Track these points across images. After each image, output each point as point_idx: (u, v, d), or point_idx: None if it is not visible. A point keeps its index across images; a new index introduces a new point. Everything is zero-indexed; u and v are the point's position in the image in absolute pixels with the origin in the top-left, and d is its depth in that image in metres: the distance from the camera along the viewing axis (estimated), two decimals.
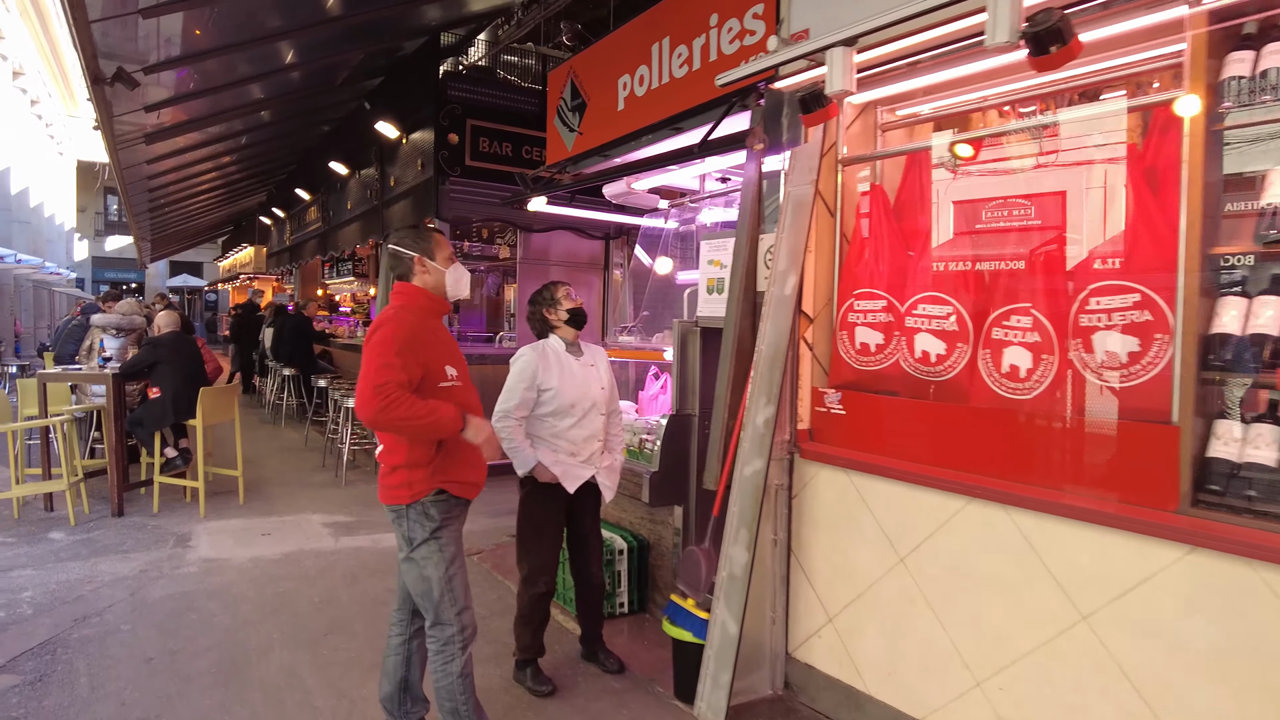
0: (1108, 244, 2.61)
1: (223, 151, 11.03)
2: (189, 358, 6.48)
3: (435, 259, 2.78)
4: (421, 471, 2.65)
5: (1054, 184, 2.80)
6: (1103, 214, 2.64)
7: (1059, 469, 2.59)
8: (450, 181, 7.54)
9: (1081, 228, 2.74)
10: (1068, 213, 2.76)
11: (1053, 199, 2.81)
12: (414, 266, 2.75)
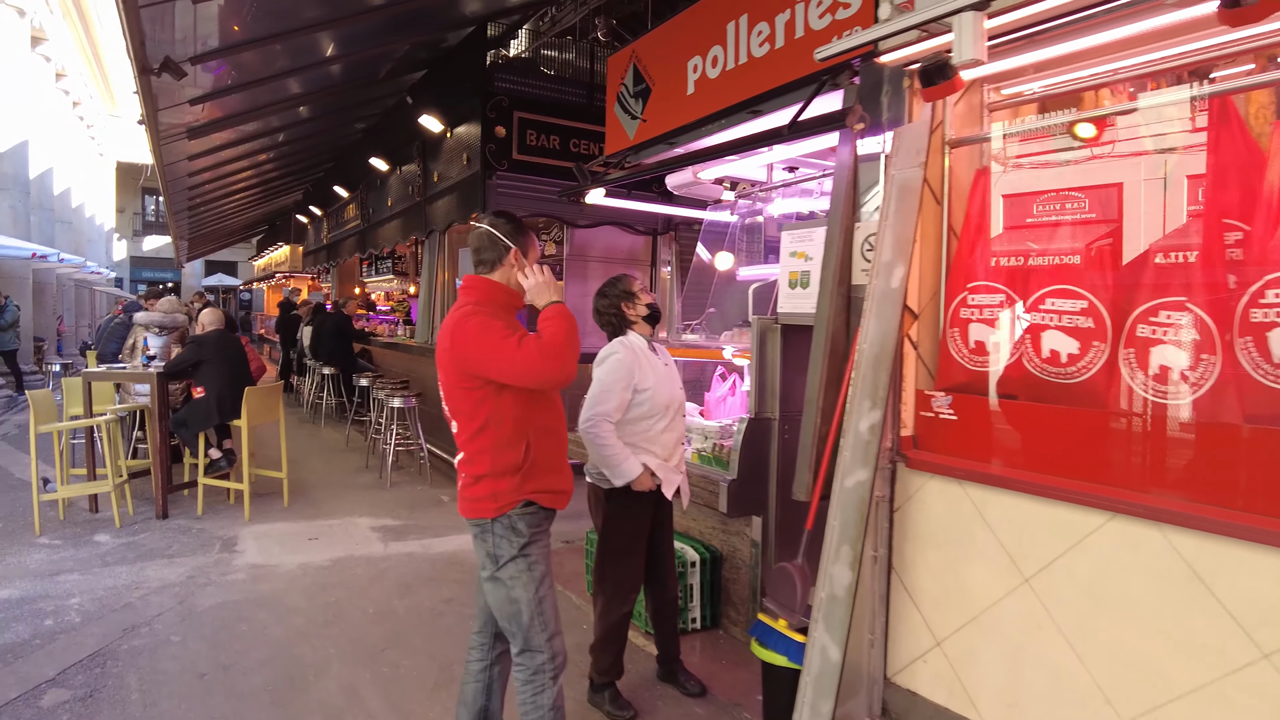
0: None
1: (261, 149, 10.94)
2: (234, 357, 6.32)
3: (528, 258, 2.55)
4: (508, 481, 2.41)
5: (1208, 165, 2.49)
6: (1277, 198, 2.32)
7: (1229, 484, 2.28)
8: (497, 176, 7.31)
9: (1239, 213, 2.42)
10: (1227, 197, 2.45)
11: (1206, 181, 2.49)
12: (505, 258, 2.50)
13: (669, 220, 8.35)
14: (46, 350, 16.38)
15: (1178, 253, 2.52)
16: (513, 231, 2.54)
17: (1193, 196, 2.57)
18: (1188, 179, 2.59)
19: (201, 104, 6.65)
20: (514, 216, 2.60)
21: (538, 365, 2.25)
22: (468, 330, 2.33)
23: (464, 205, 7.80)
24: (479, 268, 2.56)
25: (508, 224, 2.55)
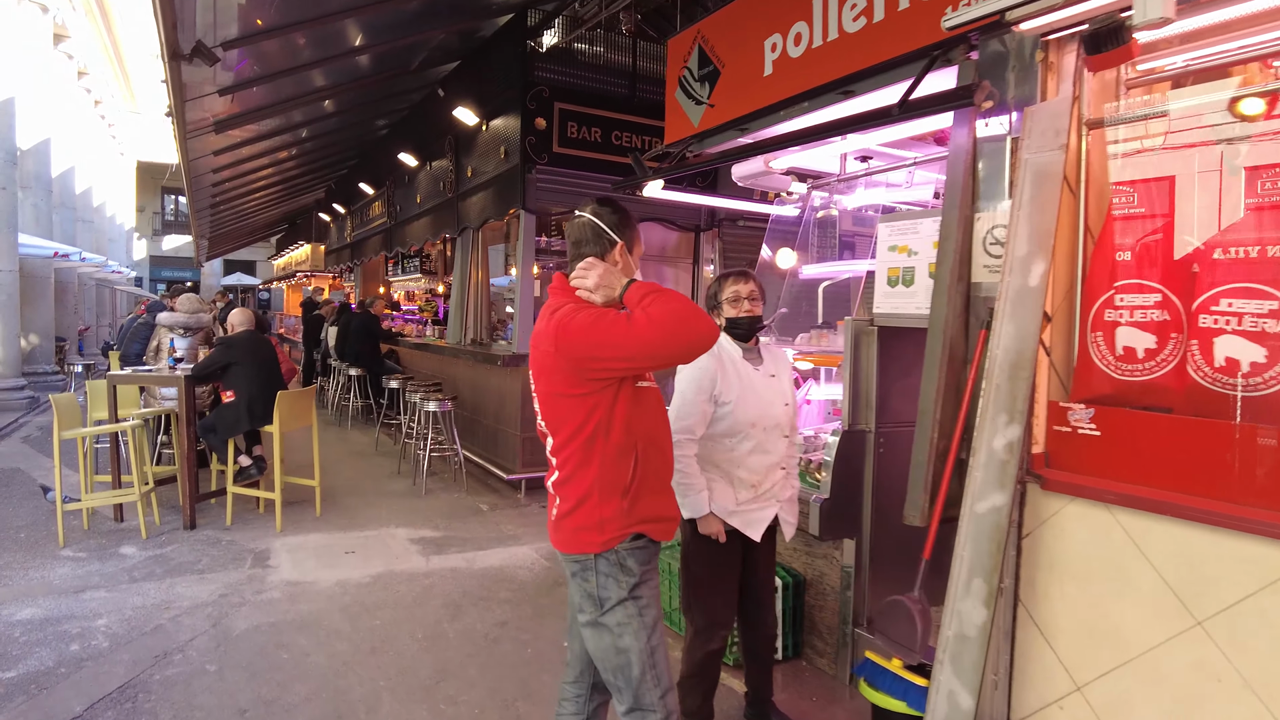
0: None
1: (286, 144, 10.69)
2: (265, 359, 6.02)
3: (633, 254, 2.22)
4: (615, 507, 2.07)
5: None
6: None
7: None
8: (536, 170, 6.98)
9: None
10: None
11: None
12: (609, 255, 2.18)
13: (713, 216, 7.99)
14: (68, 350, 16.21)
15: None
16: (619, 223, 2.21)
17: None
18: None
19: (231, 94, 6.35)
20: (619, 205, 2.26)
21: (667, 328, 1.92)
22: (577, 326, 2.00)
23: (500, 201, 7.48)
24: (588, 249, 2.23)
25: (613, 214, 2.22)
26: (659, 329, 1.92)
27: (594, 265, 2.13)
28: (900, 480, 3.65)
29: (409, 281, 13.27)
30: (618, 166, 7.32)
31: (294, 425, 5.95)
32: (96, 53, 19.50)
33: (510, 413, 7.22)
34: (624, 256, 2.19)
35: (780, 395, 2.93)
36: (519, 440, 7.04)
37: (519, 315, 7.03)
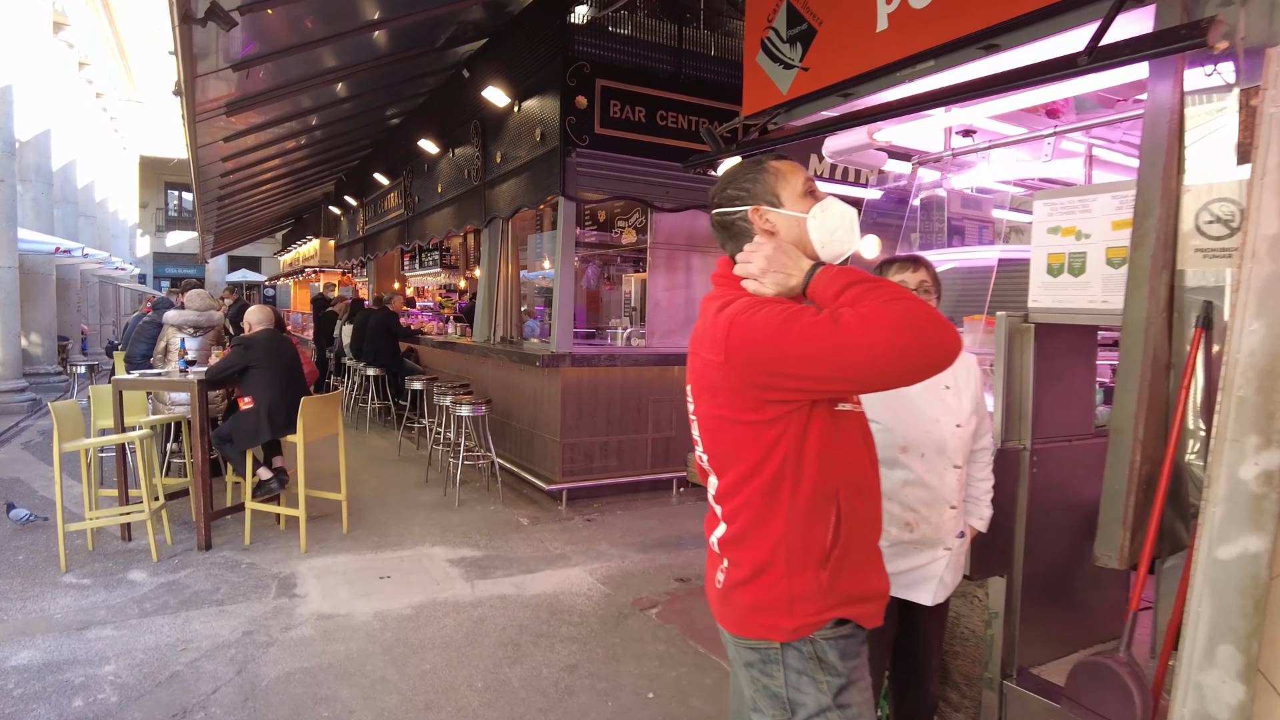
0: None
1: (297, 132, 10.12)
2: (286, 362, 5.47)
3: (782, 199, 1.63)
4: (810, 581, 1.50)
5: None
6: None
7: None
8: (576, 153, 6.41)
9: None
10: None
11: None
12: (749, 225, 1.62)
13: None
14: (71, 350, 15.68)
15: None
16: (741, 187, 1.65)
17: None
18: None
19: (246, 68, 5.79)
20: (730, 169, 1.70)
21: (891, 334, 1.33)
22: (757, 328, 1.43)
23: (536, 188, 6.91)
24: (729, 246, 1.67)
25: (734, 182, 1.66)
26: (878, 335, 1.34)
27: (761, 245, 1.56)
28: (1055, 507, 3.09)
29: (427, 276, 12.71)
30: (664, 149, 6.76)
31: (319, 434, 5.40)
32: (98, 42, 18.93)
33: (549, 417, 6.66)
34: (762, 214, 1.62)
35: (951, 413, 2.34)
36: (559, 447, 6.49)
37: (558, 312, 6.47)
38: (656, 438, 6.98)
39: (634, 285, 8.08)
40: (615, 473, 6.79)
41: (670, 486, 7.00)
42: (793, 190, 1.65)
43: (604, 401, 6.69)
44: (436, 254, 11.74)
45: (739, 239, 1.65)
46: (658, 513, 6.37)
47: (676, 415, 7.04)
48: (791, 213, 1.62)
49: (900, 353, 1.34)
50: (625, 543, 5.55)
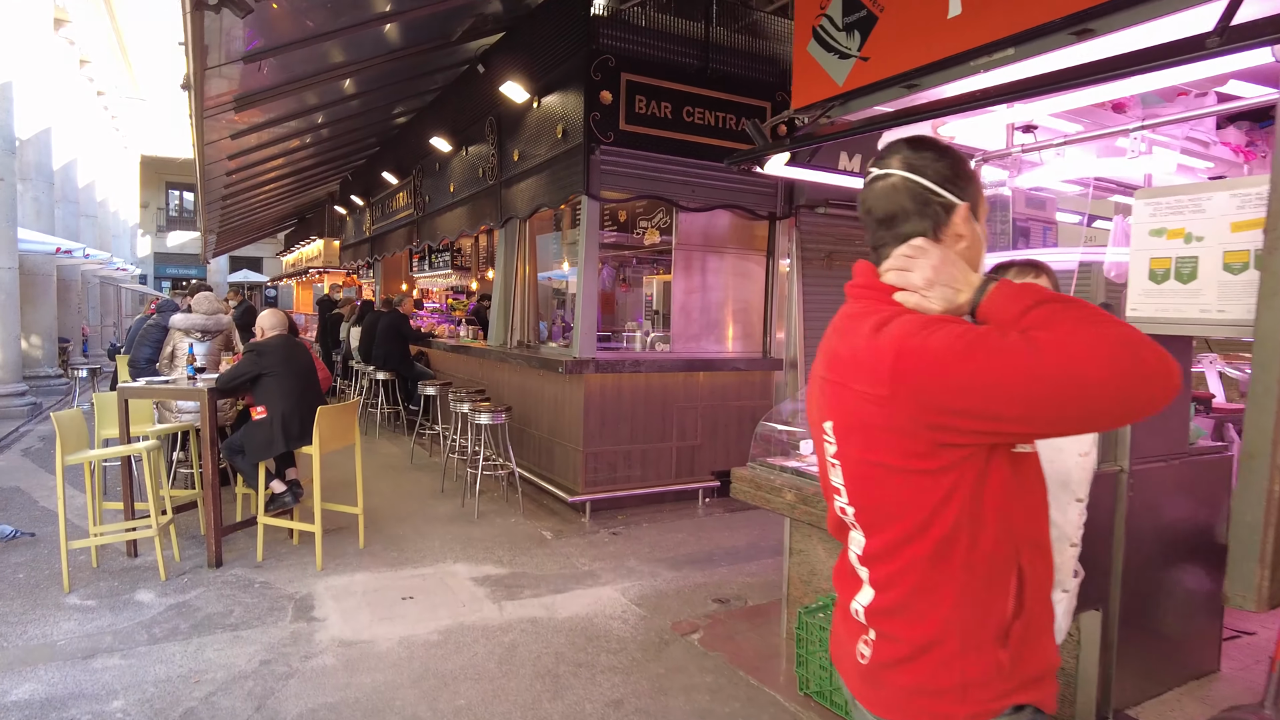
0: None
1: (305, 129, 9.86)
2: (301, 369, 5.21)
3: (978, 214, 1.37)
4: (988, 662, 1.23)
5: None
6: None
7: None
8: (600, 150, 6.15)
9: None
10: None
11: None
12: (947, 225, 1.34)
13: (790, 201, 7.15)
14: (72, 352, 15.41)
15: None
16: (954, 175, 1.35)
17: None
18: None
19: (259, 60, 5.52)
20: (944, 145, 1.41)
21: (1105, 365, 1.06)
22: (934, 352, 1.14)
23: (557, 187, 6.64)
24: (885, 234, 1.38)
25: (941, 161, 1.36)
26: (1088, 365, 1.05)
27: (925, 250, 1.29)
28: (1151, 532, 2.84)
29: (437, 277, 12.42)
30: (690, 147, 6.50)
31: (336, 445, 5.14)
32: (99, 39, 18.66)
33: (570, 425, 6.40)
34: (970, 227, 1.35)
35: (1074, 439, 2.07)
36: (582, 457, 6.23)
37: (581, 316, 6.21)
38: (681, 446, 6.72)
39: (656, 287, 7.82)
40: (639, 483, 6.53)
41: (695, 497, 6.74)
42: (984, 210, 1.41)
43: (628, 409, 6.43)
44: (447, 255, 11.46)
45: (913, 223, 1.34)
46: (686, 526, 6.10)
47: (702, 423, 6.78)
48: (978, 232, 1.37)
49: (1116, 386, 1.07)
50: (655, 559, 5.29)
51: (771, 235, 7.23)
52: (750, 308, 7.20)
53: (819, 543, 3.88)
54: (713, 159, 6.62)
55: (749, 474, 3.94)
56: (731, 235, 7.09)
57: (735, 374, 6.95)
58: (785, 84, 6.97)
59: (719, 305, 7.01)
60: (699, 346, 6.91)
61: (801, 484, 3.65)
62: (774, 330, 7.21)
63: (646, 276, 8.20)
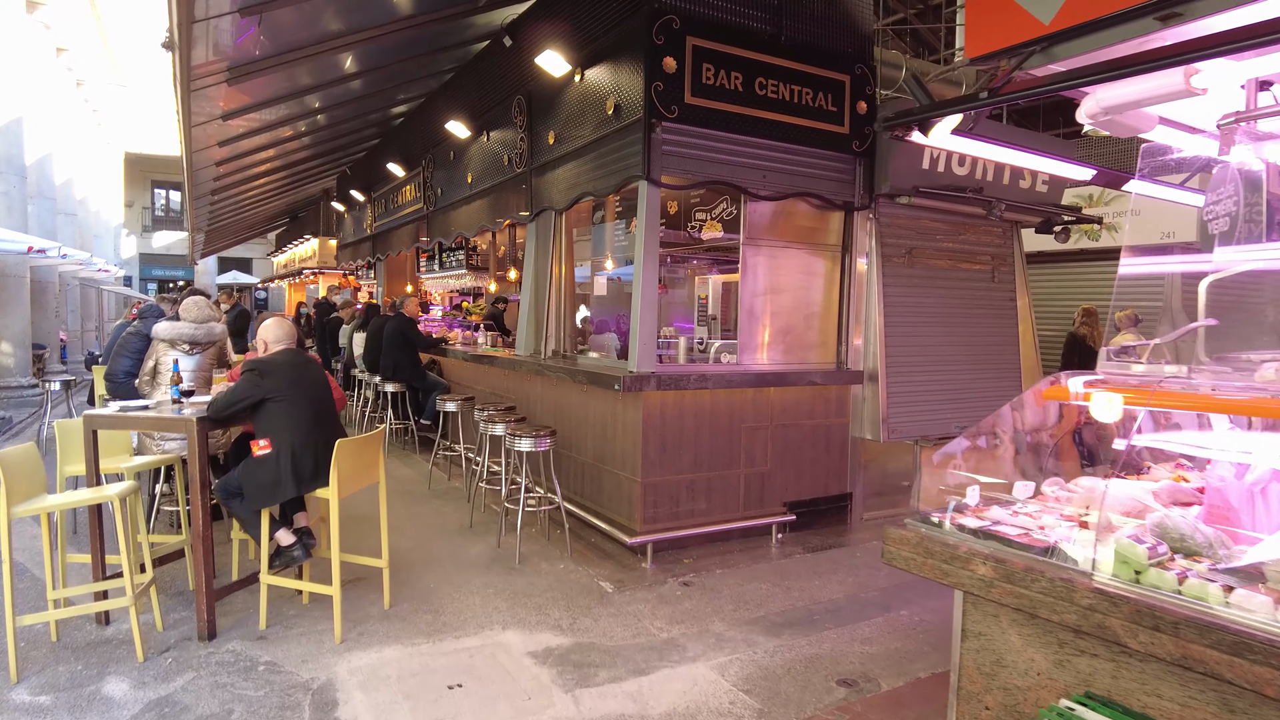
0: None
1: (300, 115, 8.89)
2: (314, 392, 4.23)
3: None
4: None
5: None
6: None
7: None
8: (662, 127, 5.20)
9: None
10: None
11: None
12: None
13: (870, 189, 6.23)
14: (48, 360, 14.32)
15: None
16: None
17: None
18: None
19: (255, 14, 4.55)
20: None
21: None
22: None
23: (606, 172, 5.69)
24: None
25: None
26: None
27: None
28: None
29: (449, 278, 11.41)
30: (762, 125, 5.58)
31: (358, 485, 4.18)
32: (78, 23, 17.55)
33: (624, 452, 5.45)
34: None
35: None
36: (640, 490, 5.28)
37: (639, 323, 5.25)
38: (750, 474, 5.78)
39: (712, 289, 6.87)
40: (704, 518, 5.58)
41: (768, 533, 5.80)
42: None
43: (690, 432, 5.49)
44: (461, 253, 10.46)
45: None
46: (765, 572, 5.16)
47: (772, 446, 5.85)
48: None
49: None
50: (745, 620, 4.34)
51: (847, 228, 6.30)
52: (824, 312, 6.26)
53: (1012, 627, 2.94)
54: (786, 140, 5.70)
55: (913, 536, 2.99)
56: (804, 228, 6.16)
57: (809, 389, 6.01)
58: (864, 55, 6.07)
59: (791, 309, 6.08)
60: (768, 357, 5.97)
61: (1005, 554, 2.71)
62: (851, 337, 6.28)
63: (700, 277, 7.24)
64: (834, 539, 5.95)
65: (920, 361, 6.56)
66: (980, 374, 7.00)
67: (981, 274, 7.11)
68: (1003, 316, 7.25)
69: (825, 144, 5.95)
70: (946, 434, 6.77)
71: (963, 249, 6.97)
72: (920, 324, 6.58)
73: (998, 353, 7.17)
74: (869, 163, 6.21)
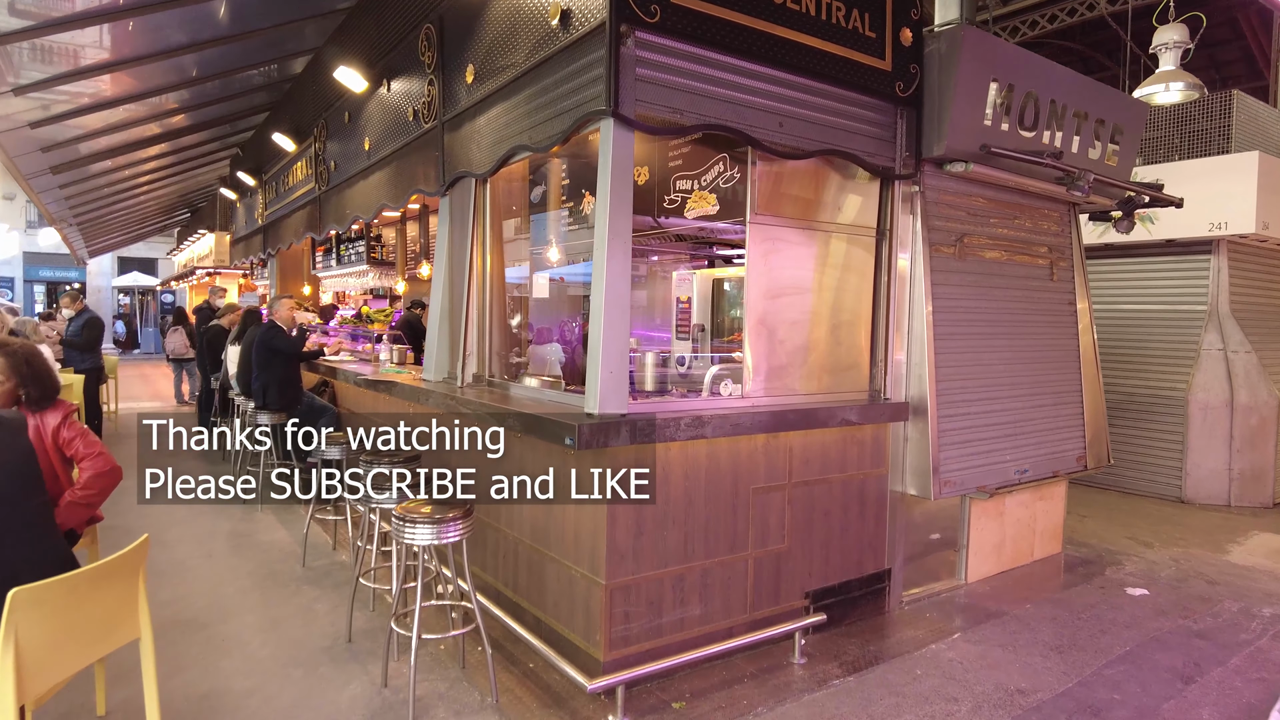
0: None
1: (165, 83, 6.85)
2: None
3: None
4: None
5: None
6: None
7: None
8: (636, 38, 3.36)
9: None
10: None
11: None
12: None
13: (916, 152, 4.51)
14: None
15: None
16: None
17: None
18: None
19: None
20: None
21: None
22: None
23: (551, 112, 3.82)
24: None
25: None
26: None
27: None
28: None
29: (347, 276, 9.29)
30: (781, 50, 3.79)
31: (78, 663, 2.21)
32: None
33: (581, 536, 3.59)
34: None
35: None
36: (604, 595, 3.42)
37: (603, 339, 3.39)
38: (761, 556, 3.98)
39: (697, 289, 5.04)
40: (698, 629, 3.75)
41: (788, 644, 3.98)
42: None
43: (679, 501, 3.66)
44: (362, 244, 8.38)
45: None
46: (797, 717, 3.36)
47: (790, 513, 4.06)
48: None
49: None
50: None
51: (885, 204, 4.56)
52: (854, 320, 4.50)
53: None
54: (810, 73, 3.95)
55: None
56: (826, 204, 4.39)
57: (839, 431, 4.24)
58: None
59: (814, 316, 4.30)
60: (785, 385, 4.17)
61: None
62: (890, 354, 4.53)
63: (679, 271, 5.35)
64: (876, 642, 4.19)
65: (977, 386, 4.88)
66: (1039, 400, 5.37)
67: (1039, 270, 5.48)
68: (1062, 324, 5.63)
69: (860, 83, 4.20)
70: (1006, 481, 5.11)
71: (1018, 237, 5.32)
72: (976, 336, 4.90)
73: (1058, 371, 5.55)
74: (914, 115, 4.49)
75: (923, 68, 4.48)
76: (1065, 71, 5.09)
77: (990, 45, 4.61)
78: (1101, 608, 4.71)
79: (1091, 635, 4.28)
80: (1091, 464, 5.69)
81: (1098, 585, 5.11)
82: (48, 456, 2.90)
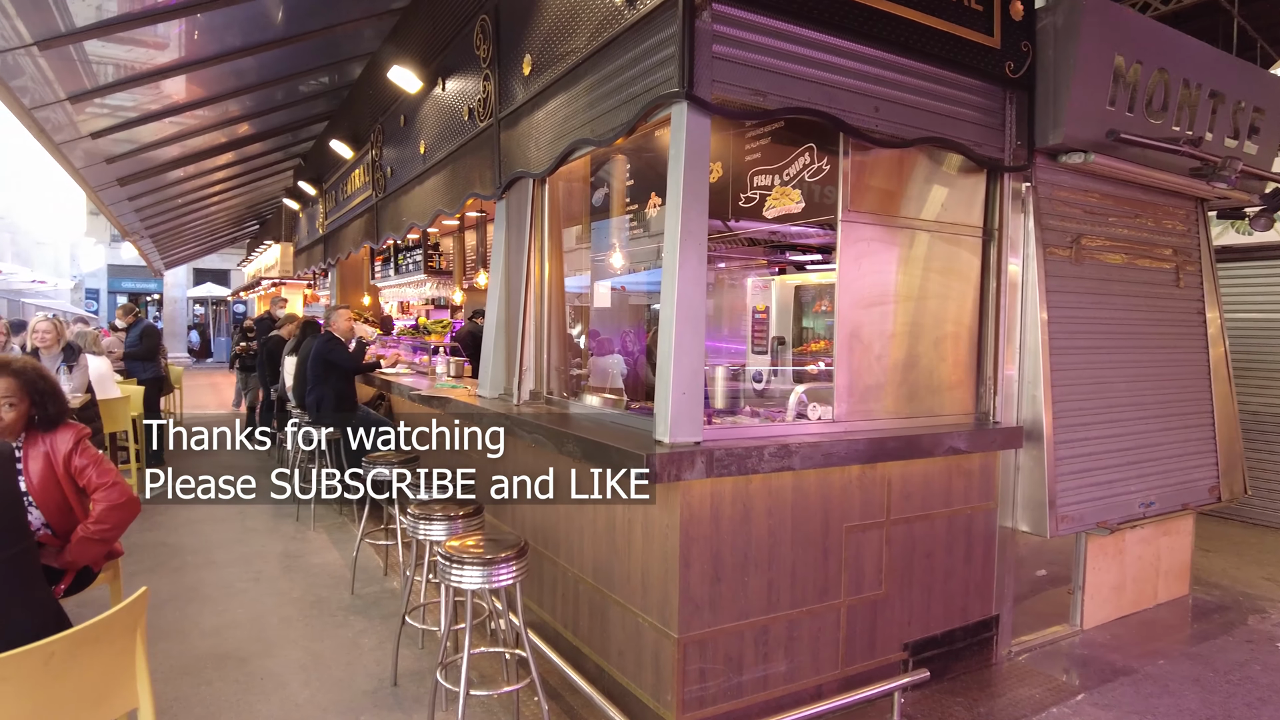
0: None
1: (226, 93, 6.73)
2: None
3: None
4: None
5: None
6: None
7: None
8: (713, 10, 2.92)
9: None
10: None
11: None
12: None
13: (1029, 141, 3.96)
14: None
15: None
16: None
17: None
18: None
19: None
20: None
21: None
22: None
23: (617, 100, 3.42)
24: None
25: None
26: None
27: None
28: None
29: (405, 286, 9.07)
30: (878, 20, 3.31)
31: None
32: None
33: (650, 580, 3.15)
34: None
35: None
36: (677, 650, 2.97)
37: (674, 355, 2.96)
38: (856, 604, 3.47)
39: (776, 298, 4.56)
40: (782, 685, 3.27)
41: (886, 703, 3.46)
42: None
43: (762, 542, 3.19)
44: (419, 253, 8.14)
45: None
46: None
47: (888, 555, 3.55)
48: None
49: None
50: None
51: (993, 201, 4.01)
52: (958, 332, 3.96)
53: None
54: (908, 51, 3.45)
55: None
56: (926, 198, 3.87)
57: (944, 461, 3.71)
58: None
59: (914, 328, 3.78)
60: (882, 407, 3.66)
61: None
62: (1000, 370, 3.97)
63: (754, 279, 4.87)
64: (985, 703, 3.64)
65: (1097, 406, 4.28)
66: (1166, 422, 4.72)
67: (1163, 274, 4.83)
68: (1190, 337, 4.97)
69: (965, 62, 3.69)
70: (1129, 515, 4.48)
71: (1140, 238, 4.70)
72: (1095, 350, 4.31)
73: (1187, 389, 4.89)
74: (1025, 99, 3.94)
75: (1035, 45, 3.93)
76: (1200, 45, 4.45)
77: (1116, 15, 4.02)
78: (1252, 667, 4.03)
79: (1249, 705, 3.63)
80: (1226, 495, 5.00)
81: (1242, 638, 4.43)
82: (59, 487, 2.61)
